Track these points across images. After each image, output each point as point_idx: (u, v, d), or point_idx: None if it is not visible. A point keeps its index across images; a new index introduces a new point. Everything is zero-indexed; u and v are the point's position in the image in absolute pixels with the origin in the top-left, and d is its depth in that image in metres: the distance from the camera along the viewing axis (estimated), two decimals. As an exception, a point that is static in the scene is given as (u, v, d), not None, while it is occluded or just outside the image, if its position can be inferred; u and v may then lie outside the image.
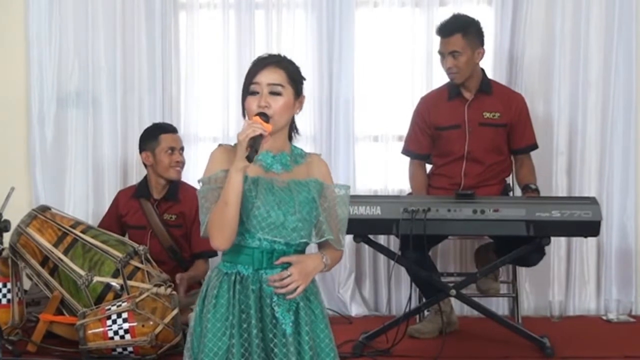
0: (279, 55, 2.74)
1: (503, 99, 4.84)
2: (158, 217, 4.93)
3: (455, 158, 4.84)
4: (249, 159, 2.56)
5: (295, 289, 2.62)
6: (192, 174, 5.49)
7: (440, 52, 4.75)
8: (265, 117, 2.62)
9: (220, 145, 2.74)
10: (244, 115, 2.72)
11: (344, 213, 2.73)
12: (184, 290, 4.66)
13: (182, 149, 5.00)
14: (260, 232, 2.61)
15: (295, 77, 2.71)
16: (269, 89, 2.65)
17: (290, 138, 2.78)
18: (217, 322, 2.61)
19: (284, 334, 2.62)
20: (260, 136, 2.57)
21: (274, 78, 2.66)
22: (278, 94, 2.66)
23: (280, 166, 2.70)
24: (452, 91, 4.86)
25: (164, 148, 4.92)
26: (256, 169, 2.66)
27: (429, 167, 5.03)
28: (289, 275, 2.62)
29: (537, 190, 4.76)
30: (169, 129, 5.02)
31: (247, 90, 2.68)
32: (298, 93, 2.71)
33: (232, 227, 2.59)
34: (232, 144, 2.73)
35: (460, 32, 4.71)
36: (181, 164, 4.97)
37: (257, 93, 2.66)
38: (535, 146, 4.92)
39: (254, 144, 2.56)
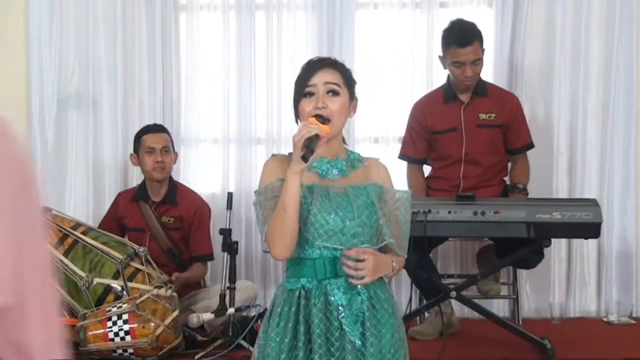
0: (331, 58, 2.69)
1: (498, 100, 4.85)
2: (157, 220, 4.92)
3: (453, 161, 4.84)
4: (305, 159, 2.48)
5: (361, 277, 2.54)
6: (192, 176, 5.50)
7: (461, 62, 4.68)
8: (321, 119, 2.55)
9: (273, 155, 2.69)
10: (297, 120, 2.66)
11: (405, 218, 2.68)
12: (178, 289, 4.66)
13: (165, 148, 4.90)
14: (319, 240, 2.54)
15: (350, 79, 2.66)
16: (327, 88, 2.59)
17: (344, 142, 2.71)
18: (281, 343, 2.55)
19: (345, 347, 2.53)
20: (317, 137, 2.49)
21: (331, 78, 2.60)
22: (336, 93, 2.60)
23: (336, 172, 2.63)
24: (448, 94, 4.86)
25: (145, 149, 4.91)
26: (311, 177, 2.59)
27: (427, 170, 5.04)
28: (363, 260, 2.52)
29: (524, 191, 4.77)
30: (152, 129, 4.99)
31: (301, 93, 2.61)
32: (352, 96, 2.66)
33: (292, 234, 2.51)
34: (287, 153, 2.69)
35: (477, 39, 4.71)
36: (164, 164, 4.88)
37: (313, 95, 2.60)
38: (531, 146, 4.93)
39: (310, 144, 2.48)
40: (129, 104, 5.53)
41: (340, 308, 2.56)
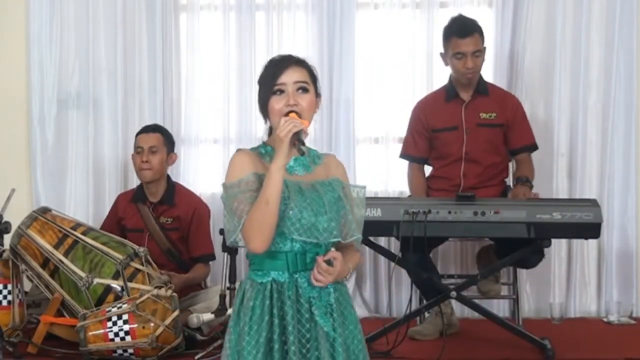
0: (295, 56, 2.73)
1: (498, 100, 4.87)
2: (155, 220, 4.92)
3: (453, 160, 4.85)
4: (301, 151, 2.57)
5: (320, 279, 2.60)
6: (192, 176, 5.50)
7: (461, 53, 4.71)
8: (296, 114, 2.61)
9: (239, 150, 2.71)
10: (265, 119, 2.69)
11: (360, 213, 2.73)
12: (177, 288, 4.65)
13: (152, 148, 4.87)
14: (295, 233, 2.58)
15: (314, 76, 2.71)
16: (297, 86, 2.64)
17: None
18: (255, 335, 2.58)
19: (316, 337, 2.59)
20: (301, 130, 2.57)
21: (300, 76, 2.65)
22: (305, 90, 2.65)
23: (301, 168, 2.68)
24: (449, 93, 4.87)
25: (135, 148, 4.93)
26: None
27: (428, 170, 5.04)
28: (333, 265, 2.59)
29: (528, 182, 4.75)
30: (146, 128, 4.98)
31: (270, 92, 2.65)
32: (317, 92, 2.71)
33: (272, 227, 2.55)
34: (249, 148, 2.72)
35: (478, 31, 4.75)
36: (150, 164, 4.85)
37: (282, 92, 2.64)
38: (534, 146, 4.93)
39: (298, 137, 2.56)
40: (128, 104, 5.53)
41: (312, 299, 2.62)
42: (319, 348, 2.59)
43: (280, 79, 2.64)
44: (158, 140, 4.92)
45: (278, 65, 2.66)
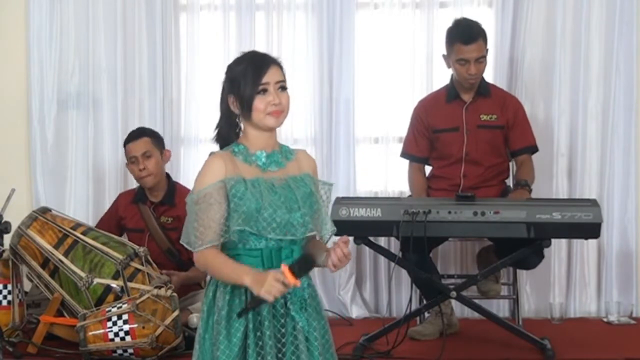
0: (270, 55, 2.78)
1: (499, 101, 4.87)
2: (155, 220, 4.93)
3: (454, 160, 4.86)
4: (243, 312, 2.57)
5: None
6: (192, 176, 5.44)
7: (465, 59, 4.71)
8: (299, 270, 2.57)
9: (212, 153, 2.73)
10: (247, 115, 2.68)
11: (328, 207, 2.78)
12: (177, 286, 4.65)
13: (145, 153, 4.85)
14: (272, 233, 2.61)
15: (284, 73, 2.76)
16: (277, 85, 2.68)
17: None
18: (232, 329, 2.60)
19: (291, 332, 2.62)
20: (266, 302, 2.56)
21: (279, 75, 2.70)
22: (284, 88, 2.71)
23: (275, 165, 2.71)
24: (450, 94, 4.87)
25: (129, 159, 4.92)
26: (254, 170, 2.66)
27: (428, 170, 5.04)
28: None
29: (527, 186, 4.75)
30: (131, 136, 4.95)
31: (254, 91, 2.67)
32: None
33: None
34: (222, 149, 2.72)
35: (482, 36, 4.74)
36: (147, 170, 4.83)
37: (266, 92, 2.67)
38: (534, 148, 4.92)
39: (258, 304, 2.56)
40: (128, 104, 5.53)
41: (287, 295, 2.63)
42: (295, 342, 2.62)
43: (264, 79, 2.67)
44: (147, 144, 4.90)
45: (260, 65, 2.69)
